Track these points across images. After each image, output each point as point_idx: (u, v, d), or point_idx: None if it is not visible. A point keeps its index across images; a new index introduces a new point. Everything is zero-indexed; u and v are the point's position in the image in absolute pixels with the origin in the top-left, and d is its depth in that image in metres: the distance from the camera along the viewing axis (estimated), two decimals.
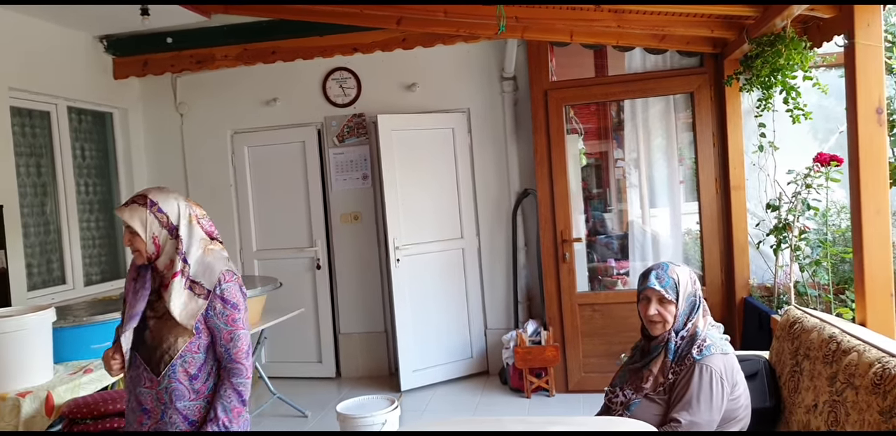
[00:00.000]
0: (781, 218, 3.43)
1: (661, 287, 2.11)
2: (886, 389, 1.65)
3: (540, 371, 4.18)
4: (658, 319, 2.13)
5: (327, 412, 4.11)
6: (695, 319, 2.12)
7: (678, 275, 2.13)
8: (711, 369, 2.00)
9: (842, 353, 1.93)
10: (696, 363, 2.02)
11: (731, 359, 2.08)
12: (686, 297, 2.12)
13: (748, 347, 3.53)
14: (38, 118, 4.30)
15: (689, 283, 2.14)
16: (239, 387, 1.84)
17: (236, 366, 1.84)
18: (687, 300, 2.12)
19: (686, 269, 2.19)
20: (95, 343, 2.92)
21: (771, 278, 3.71)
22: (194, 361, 1.82)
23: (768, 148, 3.70)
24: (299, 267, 4.93)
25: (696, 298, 2.14)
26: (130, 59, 4.77)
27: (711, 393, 1.98)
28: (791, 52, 3.13)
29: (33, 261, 4.17)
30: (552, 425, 1.89)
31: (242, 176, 5.01)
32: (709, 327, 2.14)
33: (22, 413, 2.38)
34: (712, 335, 2.11)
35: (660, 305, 2.12)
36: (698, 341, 2.07)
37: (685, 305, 2.12)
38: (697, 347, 2.05)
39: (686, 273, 2.16)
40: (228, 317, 1.83)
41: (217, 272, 1.84)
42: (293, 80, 4.88)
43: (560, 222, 4.20)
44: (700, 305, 2.14)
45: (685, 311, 2.12)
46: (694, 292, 2.14)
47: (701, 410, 1.97)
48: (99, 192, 4.82)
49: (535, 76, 4.24)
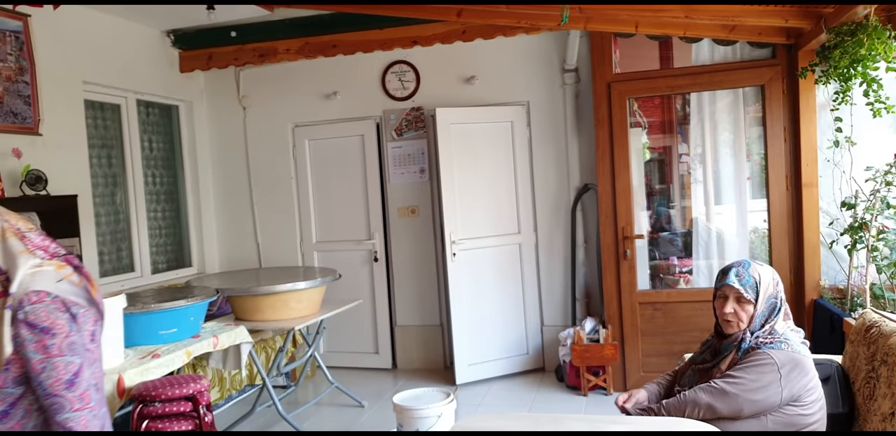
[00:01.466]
0: (858, 217, 3.28)
1: (739, 285, 2.04)
2: None
3: (597, 369, 4.12)
4: (733, 318, 2.06)
5: (384, 403, 4.16)
6: (773, 322, 2.04)
7: (760, 274, 2.05)
8: (771, 356, 1.95)
9: None
10: (761, 351, 1.98)
11: (801, 360, 1.99)
12: (767, 298, 2.04)
13: (818, 350, 3.37)
14: (110, 111, 4.47)
15: (770, 283, 2.05)
16: (68, 423, 1.53)
17: (55, 400, 1.53)
18: (767, 302, 2.04)
19: (769, 269, 2.11)
20: (163, 329, 3.01)
21: (844, 280, 3.55)
22: (2, 396, 1.55)
23: (844, 143, 3.54)
24: (357, 259, 4.99)
25: (778, 301, 2.06)
26: (196, 52, 4.90)
27: (758, 376, 1.93)
28: (874, 41, 2.97)
29: (104, 249, 4.34)
30: (615, 425, 1.85)
31: (303, 169, 5.09)
32: (787, 331, 2.06)
33: None
34: (789, 337, 2.03)
35: (737, 304, 2.05)
36: (772, 337, 2.01)
37: (765, 306, 2.04)
38: (770, 340, 2.00)
39: (769, 273, 2.08)
40: (38, 344, 1.53)
41: (22, 293, 1.53)
42: (353, 73, 4.92)
43: (621, 218, 4.11)
44: (781, 308, 2.06)
45: (764, 312, 2.04)
46: (776, 294, 2.06)
47: (737, 382, 1.93)
48: (165, 183, 4.98)
49: (597, 68, 4.15)
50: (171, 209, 5.04)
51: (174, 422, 2.62)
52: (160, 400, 2.58)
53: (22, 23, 3.63)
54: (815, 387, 2.00)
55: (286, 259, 5.13)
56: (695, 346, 2.40)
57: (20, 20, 3.62)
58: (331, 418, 4.00)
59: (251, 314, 3.74)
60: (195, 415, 2.65)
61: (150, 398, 2.57)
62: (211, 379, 3.88)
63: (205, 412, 2.66)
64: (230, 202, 5.26)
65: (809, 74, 3.58)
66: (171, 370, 2.85)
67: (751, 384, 1.93)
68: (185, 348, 2.93)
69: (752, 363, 1.97)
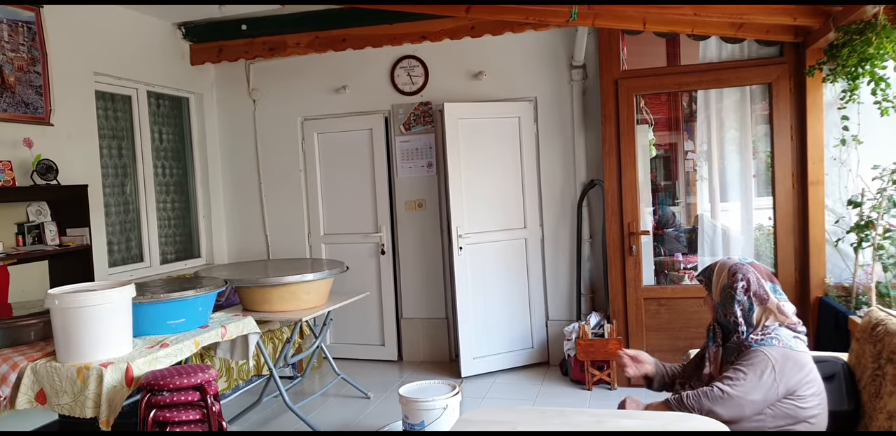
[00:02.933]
0: (864, 215, 3.29)
1: (698, 275, 2.30)
2: None
3: (602, 364, 4.15)
4: (706, 306, 2.27)
5: (389, 394, 4.20)
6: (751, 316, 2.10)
7: (717, 266, 2.22)
8: (765, 355, 2.00)
9: None
10: (753, 348, 2.04)
11: (794, 355, 2.02)
12: (721, 289, 2.16)
13: (823, 348, 3.40)
14: (121, 102, 4.50)
15: (724, 275, 2.17)
16: None
17: None
18: (722, 293, 2.16)
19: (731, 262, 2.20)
20: (171, 319, 3.02)
21: (849, 278, 3.57)
22: None
23: (851, 142, 3.55)
24: (364, 252, 5.02)
25: (735, 291, 2.12)
26: (206, 45, 4.93)
27: (755, 375, 1.97)
28: (882, 40, 2.98)
29: (114, 239, 4.39)
30: (620, 419, 1.87)
31: (312, 162, 5.12)
32: (779, 327, 2.09)
33: (105, 383, 2.48)
34: (780, 332, 2.07)
35: (706, 295, 2.27)
36: (762, 333, 2.07)
37: (720, 296, 2.17)
38: (760, 336, 2.06)
39: (726, 265, 2.19)
40: None
41: None
42: (362, 68, 4.94)
43: (627, 214, 4.13)
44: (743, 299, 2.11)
45: (720, 302, 2.17)
46: (730, 284, 2.13)
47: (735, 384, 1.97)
48: (175, 174, 5.02)
49: (605, 65, 4.16)
50: (181, 200, 5.08)
51: (182, 411, 2.63)
52: (168, 389, 2.60)
53: (34, 13, 3.66)
54: (812, 381, 2.02)
55: (294, 251, 5.17)
56: (699, 342, 2.45)
57: (32, 11, 3.65)
58: (337, 409, 4.04)
59: (259, 305, 3.77)
60: (203, 404, 2.66)
61: (157, 387, 2.59)
62: (218, 369, 3.91)
63: (212, 402, 2.68)
64: (239, 194, 5.29)
65: (817, 73, 3.59)
66: (179, 360, 2.87)
67: (749, 384, 1.97)
68: (194, 338, 2.95)
69: (746, 362, 2.02)
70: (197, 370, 2.70)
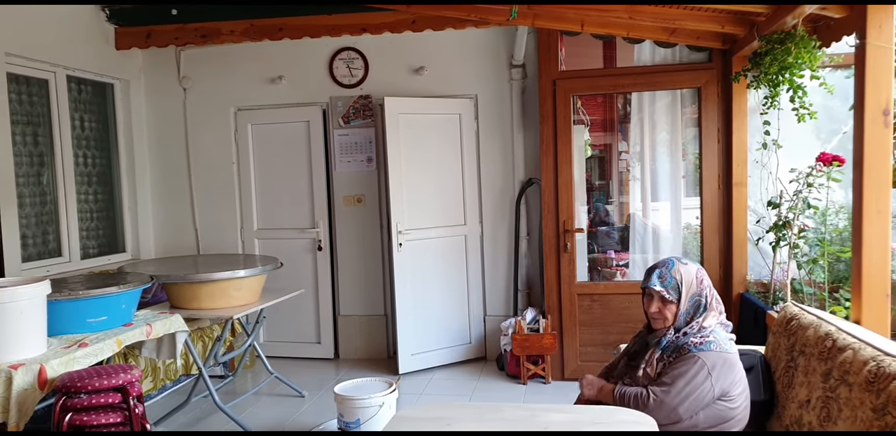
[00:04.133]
0: (782, 216, 3.45)
1: (661, 287, 2.13)
2: (880, 387, 1.68)
3: (537, 358, 4.22)
4: (659, 316, 2.15)
5: (325, 393, 4.15)
6: (701, 318, 2.12)
7: (682, 275, 2.13)
8: (702, 360, 2.03)
9: (837, 350, 1.96)
10: (692, 354, 2.05)
11: (729, 358, 2.08)
12: (689, 297, 2.13)
13: (743, 341, 3.55)
14: (36, 86, 4.24)
15: (693, 282, 2.13)
16: None
17: None
18: (690, 300, 2.13)
19: (694, 267, 2.17)
20: (92, 317, 2.90)
21: (768, 275, 3.74)
22: None
23: (772, 146, 3.71)
24: (300, 248, 4.93)
25: (703, 298, 2.14)
26: (133, 29, 4.70)
27: (692, 382, 2.01)
28: (800, 50, 3.12)
29: (28, 232, 4.15)
30: (553, 413, 1.91)
31: (245, 154, 4.98)
32: (717, 326, 2.14)
33: (14, 385, 2.35)
34: (718, 333, 2.12)
35: (661, 304, 2.14)
36: (700, 336, 2.09)
37: (688, 304, 2.13)
38: (700, 340, 2.07)
39: (692, 272, 2.15)
40: None
41: None
42: (300, 58, 4.84)
43: (563, 212, 4.21)
44: (707, 304, 2.14)
45: (688, 311, 2.13)
46: (699, 292, 2.13)
47: (673, 392, 2.01)
48: (99, 164, 4.79)
49: (544, 65, 4.22)
50: (105, 192, 4.85)
51: (101, 414, 2.52)
52: (86, 391, 2.48)
53: None
54: (740, 380, 2.11)
55: (226, 246, 5.03)
56: (629, 336, 2.50)
57: None
58: (269, 409, 3.96)
59: (188, 302, 3.65)
60: (125, 406, 2.56)
61: (74, 390, 2.46)
62: (144, 369, 3.78)
63: (135, 404, 2.58)
64: (168, 186, 5.10)
65: (742, 79, 3.74)
66: (99, 360, 2.75)
67: (684, 390, 2.01)
68: (116, 337, 2.84)
69: (683, 367, 2.04)
70: (119, 371, 2.60)
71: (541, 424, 1.84)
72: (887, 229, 2.36)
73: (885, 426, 1.61)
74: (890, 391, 1.63)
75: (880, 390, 1.68)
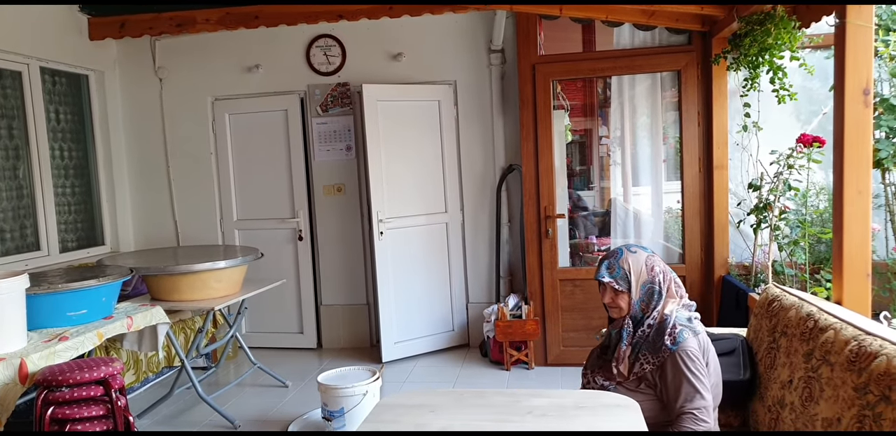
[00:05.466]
0: (763, 198, 3.47)
1: (610, 278, 2.10)
2: (861, 366, 1.68)
3: (520, 345, 4.23)
4: (614, 305, 2.14)
5: (308, 383, 4.13)
6: (658, 305, 2.09)
7: (630, 264, 2.10)
8: (689, 352, 2.00)
9: (819, 330, 1.96)
10: (674, 353, 2.01)
11: (703, 338, 2.09)
12: (640, 285, 2.09)
13: (725, 324, 3.59)
14: (9, 78, 4.16)
15: (643, 271, 2.09)
16: None
17: None
18: (642, 288, 2.09)
19: (642, 255, 2.13)
20: (72, 310, 2.87)
21: (749, 257, 3.77)
22: None
23: (752, 128, 3.72)
24: (281, 238, 4.89)
25: (655, 285, 2.09)
26: (106, 19, 4.60)
27: (701, 374, 2.01)
28: (780, 31, 3.11)
29: (6, 226, 4.08)
30: (536, 397, 1.91)
31: (223, 144, 4.92)
32: (678, 310, 2.11)
33: None
34: (681, 319, 2.08)
35: (614, 294, 2.12)
36: (668, 329, 2.05)
37: (640, 293, 2.10)
38: (670, 335, 2.04)
39: (641, 260, 2.11)
40: None
41: None
42: (276, 46, 4.77)
43: (544, 198, 4.20)
44: (663, 291, 2.10)
45: (641, 299, 2.10)
46: (651, 280, 2.09)
47: (704, 393, 1.99)
48: (75, 157, 4.70)
49: (523, 49, 4.18)
50: (82, 185, 4.77)
51: (83, 407, 2.51)
52: (67, 385, 2.47)
53: None
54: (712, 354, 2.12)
55: (206, 237, 4.98)
56: None
57: None
58: (253, 399, 3.94)
59: (168, 294, 3.61)
60: (107, 399, 2.55)
61: (56, 383, 2.45)
62: (126, 362, 3.74)
63: (117, 396, 2.57)
64: (146, 178, 5.03)
65: (722, 61, 3.73)
66: (80, 353, 2.73)
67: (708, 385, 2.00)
68: (97, 330, 2.81)
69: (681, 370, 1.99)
70: (100, 364, 2.59)
71: (524, 408, 1.83)
72: (868, 209, 2.36)
73: (866, 405, 1.62)
74: (871, 370, 1.64)
75: (861, 369, 1.68)
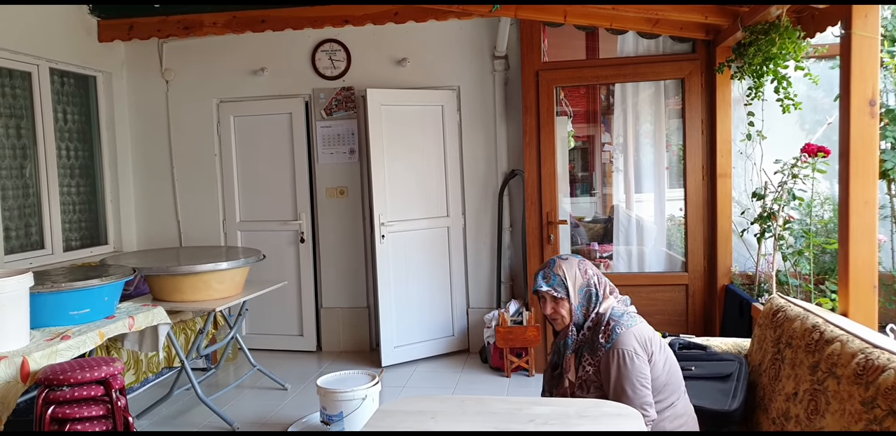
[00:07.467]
0: (766, 207, 3.46)
1: (548, 287, 2.13)
2: (869, 379, 1.65)
3: (520, 351, 4.22)
4: (556, 316, 2.15)
5: (307, 385, 4.13)
6: (597, 307, 2.12)
7: (564, 270, 2.13)
8: (623, 350, 2.01)
9: (825, 342, 1.93)
10: (608, 351, 2.03)
11: (641, 329, 2.07)
12: (578, 289, 2.12)
13: (728, 333, 3.58)
14: (19, 79, 4.19)
15: (577, 275, 2.13)
16: None
17: None
18: (580, 292, 2.12)
19: (574, 261, 2.16)
20: (74, 309, 2.87)
21: (753, 267, 3.76)
22: None
23: (756, 137, 3.72)
24: (283, 240, 4.90)
25: (592, 287, 2.13)
26: (115, 21, 4.64)
27: (633, 373, 1.99)
28: (785, 41, 3.11)
29: (11, 224, 4.10)
30: (538, 406, 1.90)
31: (227, 146, 4.93)
32: (615, 306, 2.13)
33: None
34: (615, 314, 2.09)
35: (554, 303, 2.14)
36: (602, 327, 2.07)
37: (579, 298, 2.12)
38: (604, 333, 2.05)
39: (573, 266, 2.14)
40: None
41: None
42: (282, 50, 4.79)
43: (546, 204, 4.21)
44: (600, 292, 2.13)
45: (581, 303, 2.13)
46: (587, 282, 2.13)
47: (635, 394, 1.99)
48: (81, 157, 4.73)
49: (526, 56, 4.20)
50: (87, 184, 4.79)
51: (83, 407, 2.51)
52: (68, 384, 2.47)
53: None
54: (657, 340, 2.10)
55: (208, 238, 4.98)
56: None
57: None
58: (252, 401, 3.94)
59: (170, 295, 3.62)
60: (107, 399, 2.55)
61: (57, 382, 2.45)
62: (126, 362, 3.74)
63: (117, 396, 2.56)
64: (150, 178, 5.05)
65: (726, 70, 3.74)
66: (82, 353, 2.73)
67: (641, 384, 1.99)
68: (98, 330, 2.81)
69: (614, 368, 2.00)
70: (101, 363, 2.58)
71: (526, 417, 1.81)
72: (874, 220, 2.34)
73: (873, 419, 1.59)
74: (879, 384, 1.60)
75: (869, 382, 1.65)
